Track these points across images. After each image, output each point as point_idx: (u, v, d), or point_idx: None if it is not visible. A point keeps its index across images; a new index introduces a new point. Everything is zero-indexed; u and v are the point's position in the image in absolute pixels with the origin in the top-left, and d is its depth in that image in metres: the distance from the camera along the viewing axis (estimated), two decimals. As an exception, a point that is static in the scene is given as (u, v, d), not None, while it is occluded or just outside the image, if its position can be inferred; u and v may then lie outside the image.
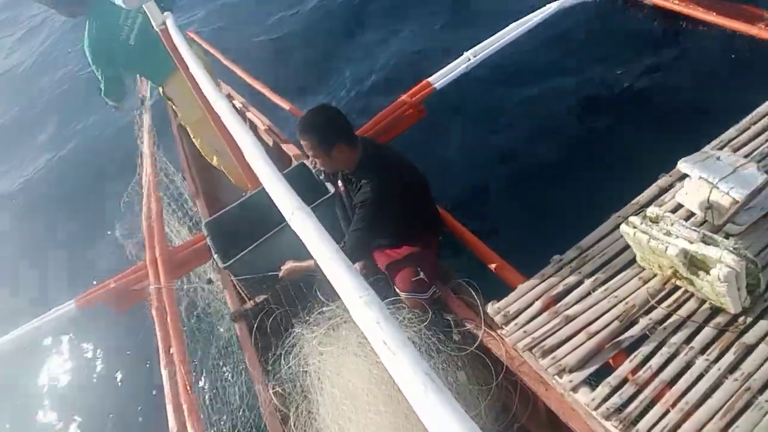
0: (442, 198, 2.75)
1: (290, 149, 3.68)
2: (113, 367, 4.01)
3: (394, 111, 3.30)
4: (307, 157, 2.68)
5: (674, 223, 1.94)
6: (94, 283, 3.03)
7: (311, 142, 2.29)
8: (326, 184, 2.88)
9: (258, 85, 4.52)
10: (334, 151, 2.28)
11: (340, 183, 2.56)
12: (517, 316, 2.11)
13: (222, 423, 2.42)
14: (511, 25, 3.52)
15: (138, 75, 3.87)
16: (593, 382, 1.83)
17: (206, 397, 2.53)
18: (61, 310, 2.80)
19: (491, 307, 2.18)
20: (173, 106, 3.83)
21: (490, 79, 4.60)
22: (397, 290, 2.47)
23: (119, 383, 3.88)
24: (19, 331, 2.72)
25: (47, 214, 6.10)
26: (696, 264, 1.85)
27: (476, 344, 2.21)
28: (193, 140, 3.93)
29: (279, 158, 3.74)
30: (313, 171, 3.03)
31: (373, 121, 3.27)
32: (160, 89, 3.67)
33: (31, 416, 4.01)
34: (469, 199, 3.84)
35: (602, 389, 1.78)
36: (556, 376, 1.89)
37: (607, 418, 1.70)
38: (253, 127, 4.24)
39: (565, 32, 4.70)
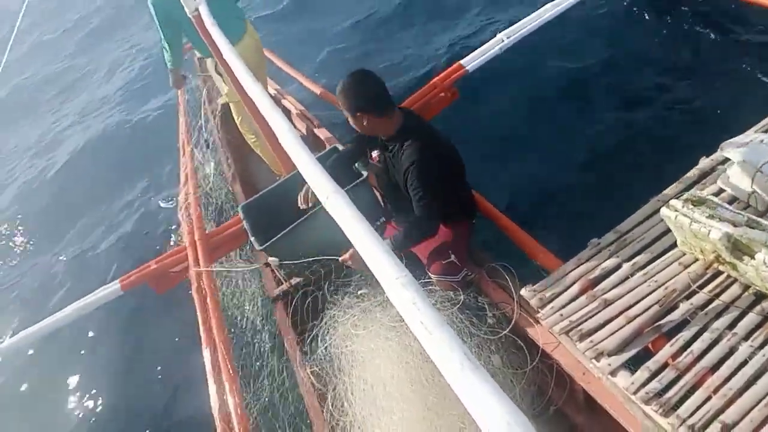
0: (476, 181, 2.73)
1: (323, 134, 3.71)
2: (157, 346, 4.13)
3: (427, 93, 3.27)
4: (339, 142, 2.70)
5: (717, 207, 1.89)
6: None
7: (343, 106, 2.33)
8: (360, 168, 2.89)
9: (291, 71, 4.55)
10: (362, 117, 2.31)
11: (375, 153, 2.53)
12: (553, 300, 2.08)
13: (263, 400, 2.48)
14: (547, 6, 3.44)
15: (195, 46, 3.90)
16: (632, 366, 1.81)
17: (248, 375, 2.59)
18: (107, 290, 2.89)
19: (527, 291, 2.16)
20: (223, 82, 3.87)
21: (525, 61, 4.52)
22: (429, 273, 2.48)
23: (163, 362, 3.99)
24: (68, 310, 2.82)
25: (96, 186, 6.32)
26: (740, 248, 1.80)
27: (510, 327, 2.20)
28: (235, 118, 3.96)
29: (313, 143, 3.78)
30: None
31: (406, 103, 3.25)
32: (211, 64, 3.72)
33: (76, 393, 4.17)
34: (504, 182, 3.81)
35: (641, 373, 1.75)
36: (593, 360, 1.86)
37: (647, 402, 1.68)
38: (287, 113, 4.28)
39: (599, 15, 4.59)
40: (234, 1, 3.63)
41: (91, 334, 4.53)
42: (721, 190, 2.20)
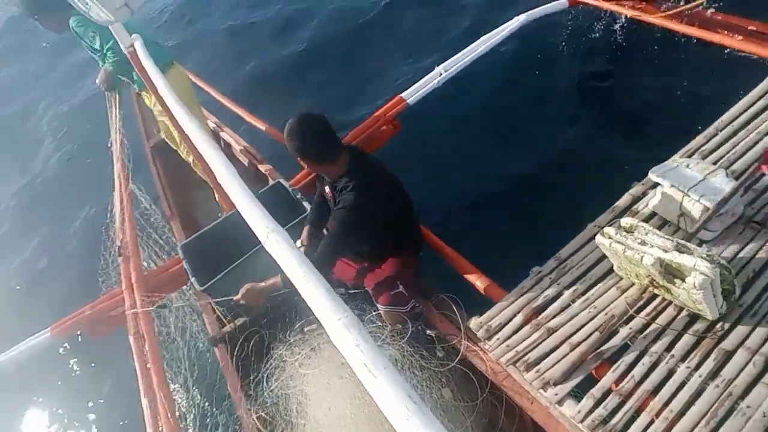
0: (421, 213, 2.75)
1: (267, 169, 3.66)
2: (92, 396, 3.90)
3: (370, 126, 3.31)
4: (283, 176, 2.67)
5: (648, 233, 1.96)
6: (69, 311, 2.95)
7: (288, 148, 2.28)
8: (303, 202, 2.86)
9: (232, 105, 4.50)
10: (304, 162, 2.33)
11: (327, 189, 2.52)
12: (499, 330, 2.10)
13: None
14: (481, 39, 3.56)
15: (125, 79, 3.74)
16: (578, 394, 1.83)
17: (190, 424, 2.47)
18: (36, 339, 2.73)
19: (474, 322, 2.17)
20: (159, 117, 3.73)
21: (462, 93, 4.64)
22: (377, 304, 2.45)
23: (99, 412, 3.77)
24: None
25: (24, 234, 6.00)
26: (672, 272, 1.87)
27: (458, 359, 2.19)
28: (181, 152, 3.83)
29: (256, 178, 3.71)
30: (290, 189, 3.01)
31: (350, 135, 3.27)
32: (146, 98, 3.60)
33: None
34: (446, 213, 3.85)
35: (587, 401, 1.77)
36: (540, 390, 1.88)
37: (593, 430, 1.70)
38: (228, 147, 4.21)
39: (532, 44, 4.78)
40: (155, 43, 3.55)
41: (26, 380, 4.23)
42: (653, 214, 2.30)
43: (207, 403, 2.63)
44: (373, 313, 2.45)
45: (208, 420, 2.49)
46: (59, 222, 5.94)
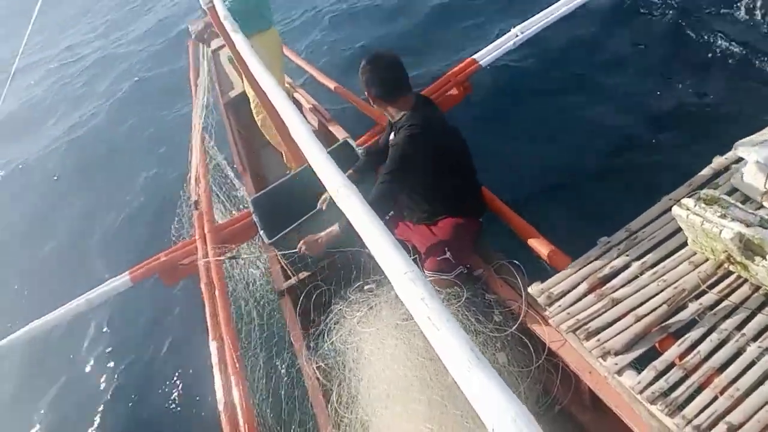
0: (488, 178, 2.72)
1: (335, 128, 3.71)
2: (164, 338, 4.16)
3: (440, 88, 3.27)
4: (351, 136, 2.70)
5: (729, 206, 1.87)
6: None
7: (363, 84, 2.41)
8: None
9: (303, 63, 4.55)
10: (370, 98, 2.43)
11: (391, 137, 2.56)
12: (561, 298, 2.08)
13: (269, 394, 2.49)
14: (560, 1, 3.41)
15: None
16: (639, 366, 1.80)
17: (255, 370, 2.60)
18: (117, 282, 2.92)
19: (534, 288, 2.16)
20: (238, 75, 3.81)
21: (538, 57, 4.50)
22: (424, 269, 2.47)
23: (169, 354, 4.02)
24: (77, 301, 2.85)
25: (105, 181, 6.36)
26: (752, 248, 1.79)
27: (517, 325, 2.20)
28: (255, 114, 3.93)
29: (324, 137, 3.78)
30: (356, 149, 3.04)
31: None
32: (225, 56, 3.68)
33: (82, 384, 4.21)
34: (512, 179, 3.79)
35: (648, 373, 1.74)
36: (600, 359, 1.86)
37: (653, 402, 1.67)
38: (298, 106, 4.28)
39: (614, 11, 4.55)
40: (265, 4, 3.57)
41: (98, 323, 4.56)
42: (734, 190, 2.18)
43: (271, 351, 2.76)
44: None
45: (271, 366, 2.61)
46: (136, 173, 6.27)
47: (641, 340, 1.85)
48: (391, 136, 2.54)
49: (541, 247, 2.34)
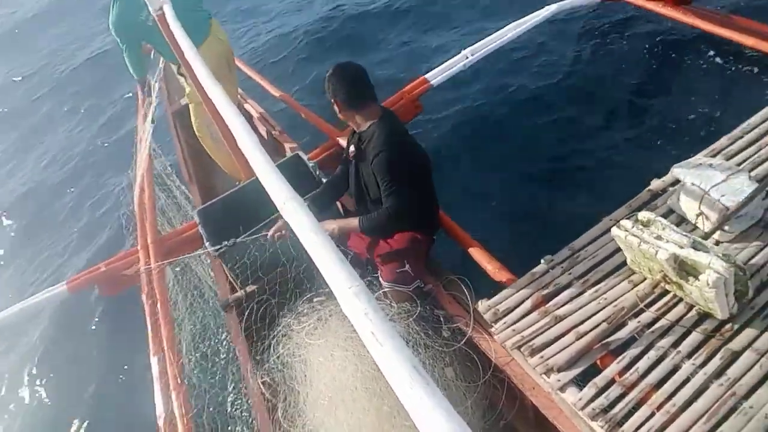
0: (438, 196, 2.75)
1: (284, 140, 3.67)
2: (102, 352, 3.99)
3: (392, 105, 3.30)
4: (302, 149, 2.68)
5: (665, 228, 1.95)
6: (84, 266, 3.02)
7: (329, 94, 2.41)
8: (322, 178, 2.88)
9: (253, 74, 4.51)
10: (336, 106, 2.41)
11: (351, 148, 2.55)
12: (506, 314, 2.11)
13: (211, 411, 2.42)
14: (510, 25, 3.52)
15: (157, 49, 3.81)
16: (580, 382, 1.84)
17: (197, 384, 2.53)
18: (53, 292, 2.80)
19: (482, 305, 2.18)
20: (185, 83, 3.78)
21: (486, 78, 4.60)
22: (381, 280, 2.47)
23: (107, 369, 3.86)
24: (10, 310, 2.71)
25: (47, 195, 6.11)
26: (686, 269, 1.86)
27: (464, 340, 2.21)
28: (192, 121, 3.87)
29: (273, 149, 3.73)
30: (308, 163, 3.02)
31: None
32: (174, 67, 3.65)
33: (14, 397, 3.99)
34: (461, 197, 3.84)
35: (589, 390, 1.78)
36: (543, 375, 1.89)
37: (594, 418, 1.71)
38: (247, 116, 4.23)
39: (560, 36, 4.71)
40: (199, 1, 3.58)
41: (34, 336, 4.34)
42: (671, 211, 2.28)
43: (214, 366, 2.69)
44: (380, 292, 2.47)
45: (214, 381, 2.54)
46: (84, 182, 6.04)
47: (583, 357, 1.90)
48: (351, 149, 2.53)
49: (487, 263, 2.38)
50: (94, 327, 4.19)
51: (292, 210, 1.14)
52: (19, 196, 6.39)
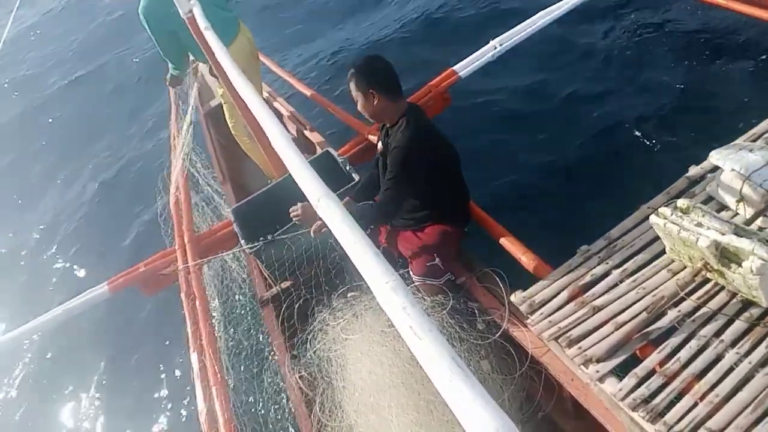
0: (470, 187, 2.74)
1: (314, 137, 3.70)
2: (144, 349, 4.10)
3: (420, 98, 3.28)
4: (331, 146, 2.70)
5: (705, 215, 1.90)
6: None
7: (356, 85, 2.37)
8: (352, 173, 2.89)
9: (282, 73, 4.54)
10: (373, 97, 2.36)
11: (380, 143, 2.56)
12: (542, 306, 2.09)
13: (251, 406, 2.46)
14: (539, 14, 3.46)
15: (188, 52, 3.85)
16: (620, 373, 1.82)
17: (236, 380, 2.57)
18: (95, 292, 2.87)
19: (517, 296, 2.17)
20: (217, 84, 3.82)
21: (516, 69, 4.55)
22: (411, 274, 2.48)
23: (150, 366, 3.96)
24: (54, 312, 2.80)
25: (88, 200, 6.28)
26: (727, 256, 1.82)
27: (500, 333, 2.20)
28: (228, 121, 3.92)
29: (304, 146, 3.77)
30: (338, 159, 3.04)
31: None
32: (205, 67, 3.69)
33: (64, 395, 4.13)
34: (495, 189, 3.81)
35: (629, 380, 1.76)
36: (582, 366, 1.87)
37: (634, 408, 1.69)
38: (278, 115, 4.27)
39: (591, 22, 4.62)
40: (225, 0, 3.62)
41: (76, 334, 4.48)
42: (710, 198, 2.22)
43: (253, 362, 2.73)
44: (412, 286, 2.48)
45: (253, 377, 2.58)
46: (121, 181, 6.20)
47: (622, 347, 1.87)
48: (380, 146, 2.54)
49: (522, 255, 2.35)
50: (134, 327, 4.30)
51: (326, 206, 1.16)
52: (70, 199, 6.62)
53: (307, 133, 3.82)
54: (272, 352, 2.64)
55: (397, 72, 2.39)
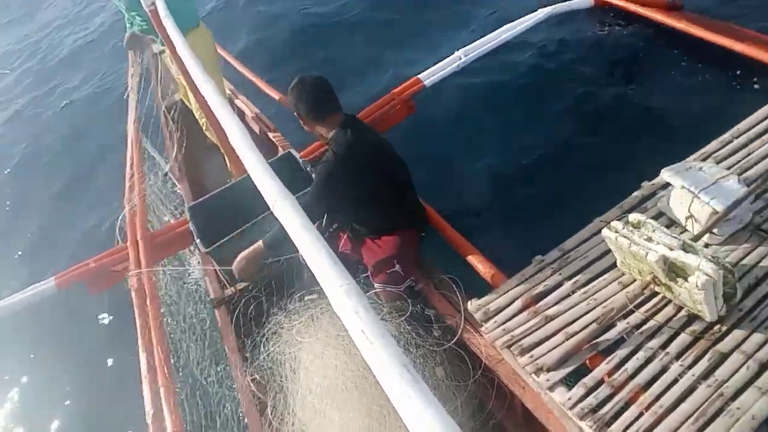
0: (427, 194, 2.75)
1: (277, 138, 3.66)
2: (90, 348, 3.96)
3: (384, 105, 3.30)
4: (295, 147, 2.68)
5: (655, 230, 1.96)
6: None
7: (291, 106, 2.45)
8: (313, 174, 2.87)
9: (247, 73, 4.49)
10: (299, 118, 2.45)
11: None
12: (497, 314, 2.12)
13: (200, 408, 2.40)
14: (504, 27, 3.53)
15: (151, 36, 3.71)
16: (570, 382, 1.85)
17: (186, 381, 2.51)
18: (41, 287, 2.77)
19: (472, 304, 2.19)
20: (178, 77, 3.72)
21: (479, 79, 4.60)
22: (372, 280, 2.48)
23: (96, 365, 3.83)
24: None
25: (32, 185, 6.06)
26: (675, 271, 1.87)
27: (455, 340, 2.22)
28: (197, 116, 3.83)
29: (266, 147, 3.72)
30: (300, 160, 3.02)
31: (363, 113, 3.27)
32: (168, 58, 3.60)
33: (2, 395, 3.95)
34: (453, 196, 3.84)
35: (578, 389, 1.79)
36: (533, 375, 1.90)
37: (582, 417, 1.72)
38: (241, 114, 4.21)
39: (554, 38, 4.73)
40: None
41: (17, 331, 4.30)
42: (661, 214, 2.29)
43: (204, 363, 2.67)
44: (372, 292, 2.47)
45: (204, 379, 2.53)
46: (74, 175, 5.99)
47: (572, 357, 1.90)
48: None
49: (478, 263, 2.38)
50: (80, 324, 4.15)
51: (283, 208, 1.14)
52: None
53: (270, 134, 3.77)
54: (224, 354, 2.58)
55: (328, 88, 2.40)
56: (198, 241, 2.70)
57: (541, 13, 3.61)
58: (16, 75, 9.13)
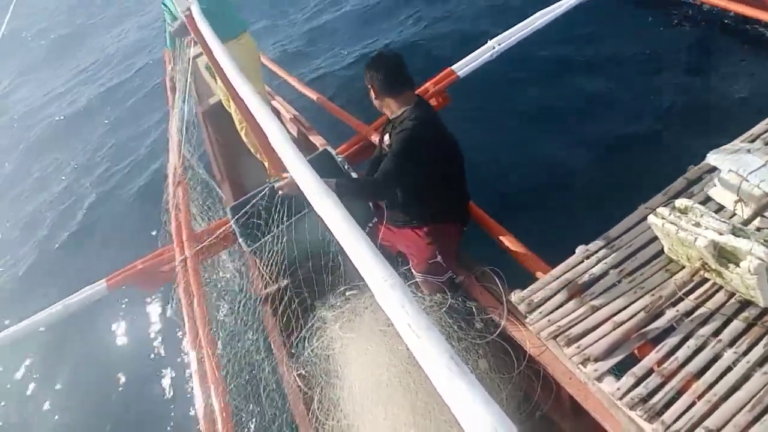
0: (469, 187, 2.73)
1: (315, 137, 3.70)
2: (143, 346, 4.09)
3: (419, 97, 3.28)
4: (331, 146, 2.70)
5: (703, 215, 1.90)
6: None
7: (367, 79, 2.49)
8: (351, 172, 2.89)
9: (283, 74, 4.54)
10: (372, 92, 2.50)
11: (386, 137, 2.56)
12: (541, 305, 2.09)
13: (249, 404, 2.46)
14: (537, 14, 3.46)
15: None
16: (618, 372, 1.82)
17: (234, 377, 2.57)
18: (93, 290, 2.87)
19: (515, 296, 2.17)
20: (215, 82, 3.78)
21: (515, 67, 4.54)
22: (413, 270, 2.48)
23: (148, 363, 3.95)
24: (52, 309, 2.79)
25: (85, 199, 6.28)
26: (725, 256, 1.82)
27: (498, 332, 2.20)
28: (234, 117, 3.89)
29: (304, 146, 3.76)
30: (336, 158, 3.04)
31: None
32: (202, 63, 3.66)
33: (59, 392, 4.12)
34: (494, 188, 3.81)
35: (627, 379, 1.76)
36: (580, 365, 1.87)
37: (632, 407, 1.69)
38: (278, 115, 4.26)
39: (589, 23, 4.62)
40: (234, 8, 3.60)
41: (70, 332, 4.47)
42: (708, 199, 2.22)
43: (251, 359, 2.72)
44: (412, 282, 2.47)
45: (251, 374, 2.57)
46: (118, 180, 6.20)
47: (620, 346, 1.87)
48: (386, 138, 2.54)
49: (521, 255, 2.36)
50: (131, 324, 4.29)
51: (325, 205, 1.15)
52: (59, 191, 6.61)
53: (307, 133, 3.81)
54: (271, 350, 2.63)
55: (405, 66, 2.45)
56: (240, 240, 2.75)
57: (576, -3, 3.52)
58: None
